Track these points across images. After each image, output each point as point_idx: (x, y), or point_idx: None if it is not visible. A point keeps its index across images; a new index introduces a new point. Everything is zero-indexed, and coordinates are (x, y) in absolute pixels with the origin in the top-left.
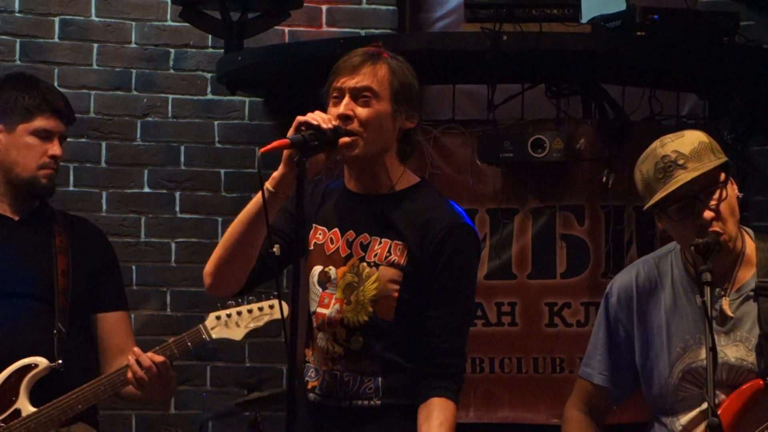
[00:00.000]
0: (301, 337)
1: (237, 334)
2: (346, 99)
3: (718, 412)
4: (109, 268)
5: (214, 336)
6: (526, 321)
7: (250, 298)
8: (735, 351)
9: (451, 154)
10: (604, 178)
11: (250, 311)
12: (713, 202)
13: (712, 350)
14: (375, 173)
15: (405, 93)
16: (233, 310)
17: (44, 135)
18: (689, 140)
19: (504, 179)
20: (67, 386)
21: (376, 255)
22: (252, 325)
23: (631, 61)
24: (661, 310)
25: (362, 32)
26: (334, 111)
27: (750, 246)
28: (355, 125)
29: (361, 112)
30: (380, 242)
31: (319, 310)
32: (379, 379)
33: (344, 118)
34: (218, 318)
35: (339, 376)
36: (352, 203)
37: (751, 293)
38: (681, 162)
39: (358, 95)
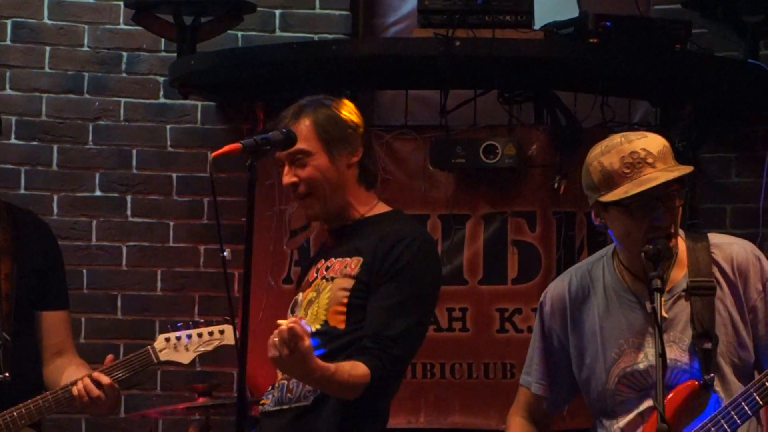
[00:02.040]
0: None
1: (185, 358)
2: (286, 168)
3: (654, 414)
4: (53, 266)
5: (162, 359)
6: (477, 326)
7: (201, 321)
8: (669, 352)
9: (404, 159)
10: (556, 185)
11: (200, 335)
12: (675, 207)
13: (662, 356)
14: (342, 211)
15: (335, 135)
16: (183, 333)
17: None
18: (655, 142)
19: (456, 185)
20: (13, 397)
21: (334, 271)
22: (201, 350)
23: (583, 67)
24: (595, 316)
25: (315, 37)
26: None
27: (681, 246)
28: (302, 189)
29: (302, 174)
30: (341, 261)
31: None
32: None
33: (292, 186)
34: (167, 340)
35: (287, 385)
36: (328, 238)
37: (683, 293)
38: (650, 161)
39: (293, 160)
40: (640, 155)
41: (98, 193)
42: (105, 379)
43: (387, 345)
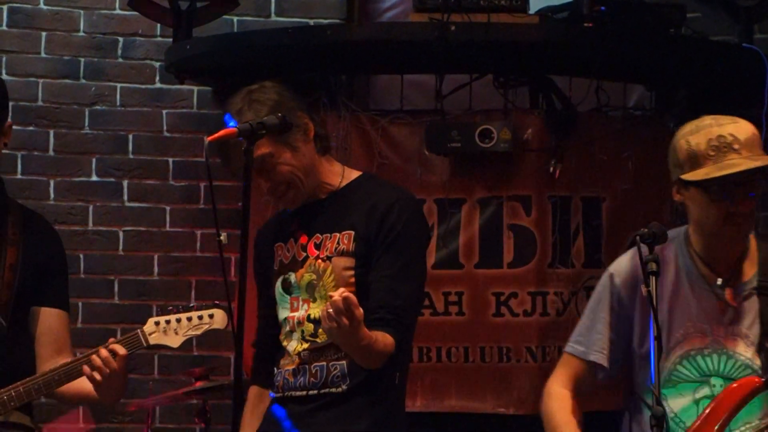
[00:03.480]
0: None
1: (175, 341)
2: (262, 179)
3: (713, 404)
4: (57, 268)
5: (151, 342)
6: (473, 310)
7: (192, 305)
8: (733, 344)
9: (399, 144)
10: (551, 169)
11: (189, 319)
12: (754, 196)
13: (657, 339)
14: (317, 185)
15: (280, 121)
16: (173, 317)
17: None
18: (745, 128)
19: (452, 169)
20: (4, 383)
21: (327, 249)
22: (190, 333)
23: (578, 52)
24: (664, 295)
25: (311, 22)
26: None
27: (753, 243)
28: (281, 188)
29: (274, 176)
30: (330, 237)
31: (291, 314)
32: (344, 363)
33: (272, 192)
34: (157, 324)
35: (307, 369)
36: (301, 212)
37: (754, 291)
38: (736, 147)
39: (261, 169)
40: (727, 140)
41: (95, 178)
42: (121, 350)
43: (400, 314)
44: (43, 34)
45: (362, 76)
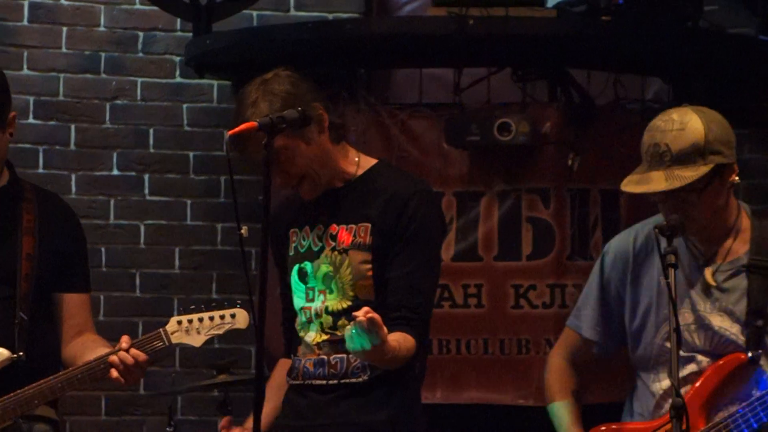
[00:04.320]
0: (283, 347)
1: (196, 341)
2: (276, 172)
3: (700, 380)
4: (77, 250)
5: (173, 341)
6: (492, 302)
7: (213, 304)
8: (719, 320)
9: (418, 137)
10: (570, 162)
11: (211, 318)
12: (687, 204)
13: (676, 331)
14: (333, 176)
15: (300, 115)
16: (195, 317)
17: None
18: (685, 138)
19: (470, 162)
20: (29, 376)
21: (344, 241)
22: (212, 333)
23: (596, 45)
24: (654, 273)
25: (330, 16)
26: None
27: (745, 222)
28: (296, 180)
29: (289, 169)
30: (347, 228)
31: (306, 304)
32: None
33: (286, 184)
34: (179, 323)
35: (327, 360)
36: (318, 200)
37: (743, 269)
38: (665, 159)
39: (277, 161)
40: (659, 149)
41: (116, 172)
42: (142, 356)
43: (420, 312)
44: (64, 29)
45: (381, 70)
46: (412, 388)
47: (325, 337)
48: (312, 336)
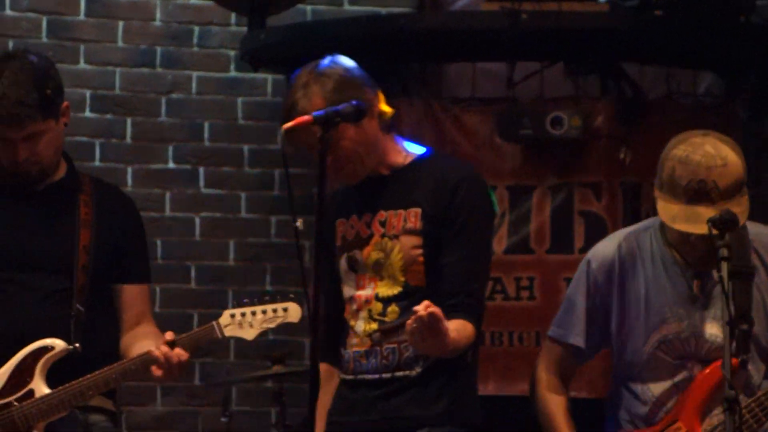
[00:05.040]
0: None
1: (249, 334)
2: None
3: (692, 386)
4: (135, 241)
5: (226, 334)
6: (544, 295)
7: (267, 297)
8: (710, 327)
9: (471, 131)
10: (622, 156)
11: (264, 312)
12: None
13: (729, 324)
14: (379, 161)
15: (355, 109)
16: (248, 310)
17: (2, 140)
18: (730, 175)
19: (523, 156)
20: (84, 368)
21: (394, 227)
22: (265, 326)
23: (648, 39)
24: (641, 281)
25: (383, 11)
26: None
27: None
28: (341, 164)
29: (337, 152)
30: (396, 214)
31: (357, 293)
32: None
33: (334, 168)
34: (233, 316)
35: (379, 352)
36: (364, 188)
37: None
38: (713, 195)
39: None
40: (706, 187)
41: (171, 165)
42: (184, 355)
43: (477, 297)
44: (120, 23)
45: (434, 64)
46: (466, 378)
47: (374, 325)
48: (362, 325)
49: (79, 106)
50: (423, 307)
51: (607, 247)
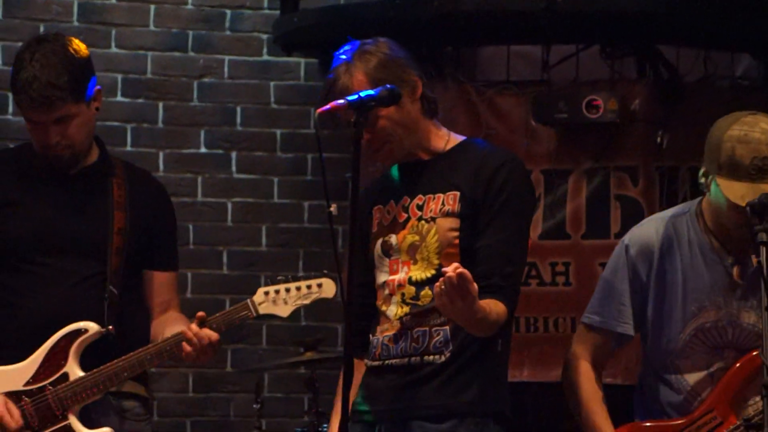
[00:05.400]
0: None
1: (284, 311)
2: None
3: (728, 376)
4: (166, 228)
5: (261, 311)
6: (580, 281)
7: (300, 275)
8: (747, 316)
9: (506, 114)
10: (659, 139)
11: (298, 288)
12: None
13: None
14: (418, 145)
15: (391, 79)
16: (282, 287)
17: (34, 123)
18: None
19: (558, 140)
20: (117, 351)
21: (431, 210)
22: (300, 303)
23: (685, 21)
24: (678, 268)
25: None
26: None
27: None
28: (377, 143)
29: (375, 130)
30: (434, 198)
31: (390, 277)
32: (447, 329)
33: (368, 144)
34: (267, 294)
35: (409, 335)
36: (403, 174)
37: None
38: None
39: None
40: None
41: (203, 150)
42: (214, 336)
43: (512, 281)
44: (152, 7)
45: (469, 47)
46: (496, 366)
47: (406, 309)
48: (394, 310)
49: (111, 90)
50: (452, 269)
51: (645, 232)
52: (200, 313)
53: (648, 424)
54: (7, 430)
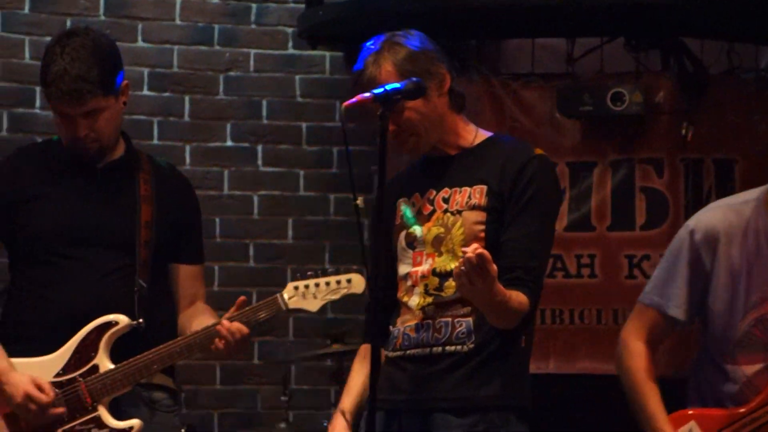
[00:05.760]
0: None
1: (313, 305)
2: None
3: None
4: (192, 221)
5: (290, 306)
6: (605, 273)
7: (330, 270)
8: None
9: (531, 107)
10: (683, 131)
11: (327, 284)
12: None
13: None
14: (445, 140)
15: (419, 71)
16: (312, 282)
17: (63, 117)
18: None
19: (583, 132)
20: (147, 343)
21: (457, 203)
22: (329, 298)
23: (709, 13)
24: (743, 256)
25: None
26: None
27: None
28: (402, 134)
29: (398, 119)
30: (460, 191)
31: (413, 269)
32: (470, 320)
33: (392, 134)
34: (296, 288)
35: (432, 325)
36: (429, 167)
37: None
38: None
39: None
40: None
41: (229, 143)
42: (245, 330)
43: (535, 275)
44: (178, 1)
45: (493, 39)
46: (519, 362)
47: (429, 299)
48: (416, 300)
49: (137, 84)
50: (471, 249)
51: (711, 218)
52: (241, 298)
53: (702, 412)
54: (39, 404)
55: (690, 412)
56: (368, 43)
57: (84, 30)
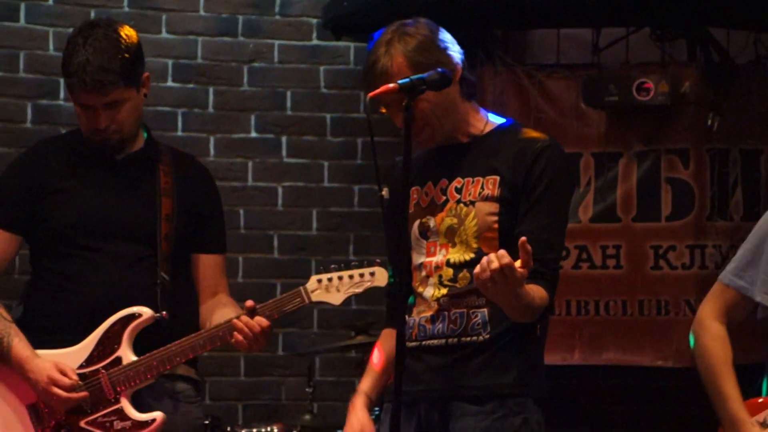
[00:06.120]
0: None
1: (336, 298)
2: (398, 113)
3: None
4: (212, 211)
5: (314, 299)
6: (631, 263)
7: (353, 263)
8: None
9: (556, 97)
10: (709, 122)
11: (351, 277)
12: None
13: None
14: (457, 128)
15: (430, 62)
16: (335, 275)
17: (84, 108)
18: None
19: (608, 123)
20: (170, 335)
21: (470, 194)
22: (352, 291)
23: (735, 3)
24: None
25: None
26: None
27: None
28: (420, 126)
29: (417, 116)
30: (473, 181)
31: (427, 259)
32: (486, 311)
33: (412, 134)
34: (319, 281)
35: (447, 316)
36: (442, 155)
37: None
38: None
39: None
40: None
41: (254, 134)
42: (265, 323)
43: (552, 267)
44: None
45: (518, 30)
46: (535, 350)
47: (443, 290)
48: (431, 291)
49: (161, 75)
50: (496, 255)
51: None
52: (249, 302)
53: None
54: (63, 387)
55: (760, 400)
56: (378, 33)
57: (106, 21)
